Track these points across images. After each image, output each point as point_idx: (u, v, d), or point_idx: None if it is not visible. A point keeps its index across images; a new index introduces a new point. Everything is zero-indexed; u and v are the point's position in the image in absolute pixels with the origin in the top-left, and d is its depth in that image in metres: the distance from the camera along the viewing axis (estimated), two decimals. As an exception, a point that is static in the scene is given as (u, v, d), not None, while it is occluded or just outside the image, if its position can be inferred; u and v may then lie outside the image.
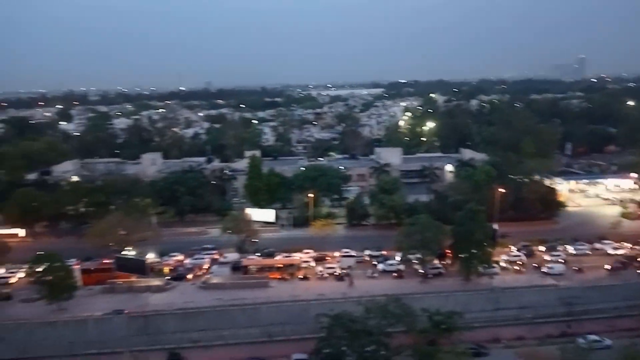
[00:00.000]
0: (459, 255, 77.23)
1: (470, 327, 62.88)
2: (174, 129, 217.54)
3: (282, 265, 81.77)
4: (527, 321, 70.49)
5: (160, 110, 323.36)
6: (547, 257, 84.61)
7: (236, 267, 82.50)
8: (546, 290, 74.04)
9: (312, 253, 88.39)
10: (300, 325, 67.98)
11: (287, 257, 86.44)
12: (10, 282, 79.55)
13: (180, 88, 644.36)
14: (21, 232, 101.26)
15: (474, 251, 75.34)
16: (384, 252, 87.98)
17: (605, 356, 54.65)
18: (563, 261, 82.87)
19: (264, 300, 71.23)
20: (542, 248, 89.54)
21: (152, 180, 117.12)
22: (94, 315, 68.43)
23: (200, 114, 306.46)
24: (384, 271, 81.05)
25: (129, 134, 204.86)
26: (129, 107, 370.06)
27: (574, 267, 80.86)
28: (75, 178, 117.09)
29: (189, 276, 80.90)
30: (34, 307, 70.53)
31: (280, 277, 79.50)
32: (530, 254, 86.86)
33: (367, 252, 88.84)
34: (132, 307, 69.56)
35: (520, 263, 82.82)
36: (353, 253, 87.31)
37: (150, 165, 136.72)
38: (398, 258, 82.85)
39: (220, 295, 72.92)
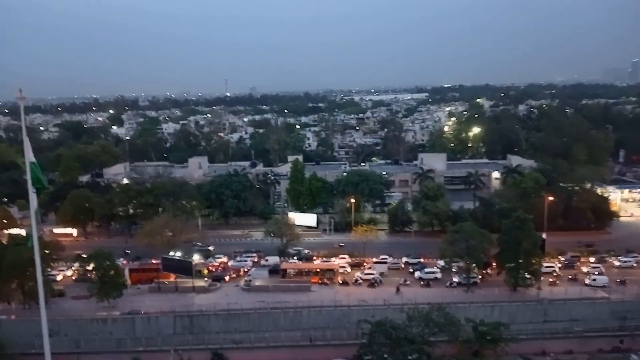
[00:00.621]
0: (506, 265, 75.31)
1: (517, 339, 61.18)
2: (220, 134, 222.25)
3: (319, 270, 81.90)
4: (577, 335, 67.94)
5: (207, 115, 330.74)
6: (586, 269, 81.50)
7: (274, 271, 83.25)
8: (598, 303, 71.25)
9: (347, 258, 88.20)
10: (341, 331, 68.08)
11: (325, 261, 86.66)
12: (57, 279, 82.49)
13: (226, 94, 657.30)
14: (74, 232, 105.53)
15: (521, 261, 73.34)
16: (422, 260, 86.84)
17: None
18: (602, 273, 79.54)
19: (305, 304, 71.57)
20: (591, 259, 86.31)
21: (199, 183, 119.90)
22: (143, 313, 70.55)
23: (245, 119, 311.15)
24: (421, 279, 79.97)
25: (177, 138, 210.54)
26: (177, 112, 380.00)
27: (617, 280, 77.53)
28: (125, 180, 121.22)
29: (227, 278, 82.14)
30: (85, 303, 73.45)
31: (320, 281, 79.72)
32: (571, 265, 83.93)
33: (405, 259, 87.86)
34: (178, 306, 71.27)
35: (556, 274, 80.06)
36: (389, 259, 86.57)
37: (197, 168, 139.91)
38: (435, 267, 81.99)
39: (262, 297, 73.74)
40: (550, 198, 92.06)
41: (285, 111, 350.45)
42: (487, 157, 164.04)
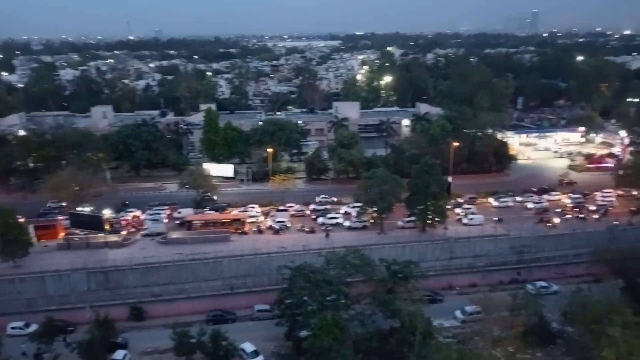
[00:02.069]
0: (415, 207, 79.53)
1: (426, 275, 65.76)
2: (124, 81, 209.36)
3: (227, 220, 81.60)
4: (480, 269, 74.40)
5: (109, 60, 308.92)
6: (460, 210, 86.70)
7: (181, 223, 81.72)
8: (498, 240, 77.83)
9: (257, 208, 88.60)
10: (262, 277, 69.53)
11: (232, 212, 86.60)
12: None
13: (129, 37, 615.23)
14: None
15: (430, 203, 77.79)
16: (328, 207, 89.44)
17: (553, 301, 58.47)
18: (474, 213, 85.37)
19: (225, 254, 71.74)
20: (490, 200, 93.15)
21: (104, 134, 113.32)
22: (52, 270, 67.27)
23: (152, 65, 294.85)
24: (323, 224, 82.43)
25: (77, 85, 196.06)
26: (75, 57, 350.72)
27: (494, 218, 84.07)
28: (22, 132, 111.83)
29: (123, 232, 79.19)
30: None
31: (236, 231, 79.58)
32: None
33: (312, 206, 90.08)
34: (90, 262, 68.67)
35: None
36: (295, 207, 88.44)
37: (102, 118, 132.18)
38: (337, 213, 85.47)
39: (181, 250, 72.83)
40: (456, 144, 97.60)
41: (195, 57, 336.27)
42: (398, 105, 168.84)
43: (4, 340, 54.70)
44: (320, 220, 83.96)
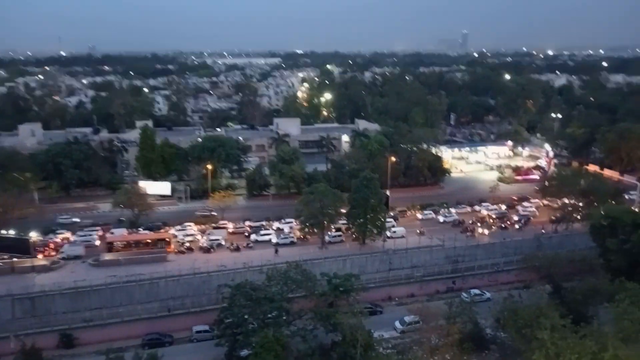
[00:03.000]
0: (355, 221, 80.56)
1: (366, 287, 66.44)
2: (55, 97, 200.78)
3: (150, 241, 79.10)
4: (418, 279, 75.99)
5: (39, 76, 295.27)
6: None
7: (109, 244, 78.20)
8: (434, 250, 80.00)
9: (193, 226, 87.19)
10: (201, 297, 67.82)
11: (156, 232, 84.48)
12: None
13: (61, 53, 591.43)
14: None
15: (369, 216, 79.03)
16: (263, 223, 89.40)
17: (486, 308, 60.45)
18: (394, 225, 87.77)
19: (162, 275, 69.51)
20: (419, 213, 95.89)
21: (32, 152, 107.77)
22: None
23: (84, 81, 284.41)
24: (256, 241, 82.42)
25: (3, 102, 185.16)
26: (1, 72, 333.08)
27: (417, 230, 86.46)
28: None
29: (39, 256, 74.63)
30: None
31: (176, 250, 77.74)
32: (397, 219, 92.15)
33: (248, 223, 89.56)
34: (16, 288, 64.54)
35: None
36: (229, 225, 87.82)
37: (29, 136, 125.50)
38: (270, 229, 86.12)
39: (114, 272, 69.83)
40: (393, 158, 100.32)
41: (131, 73, 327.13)
42: (337, 122, 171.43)
43: None
44: (252, 237, 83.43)
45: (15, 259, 71.66)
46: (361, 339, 50.51)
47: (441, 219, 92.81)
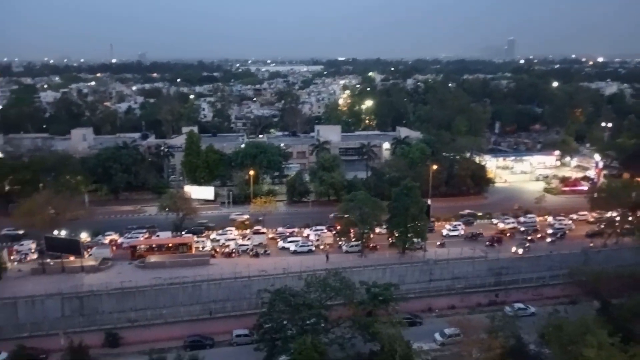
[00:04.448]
0: (395, 230, 80.00)
1: (406, 298, 65.80)
2: (106, 104, 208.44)
3: (171, 245, 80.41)
4: (459, 291, 74.69)
5: (91, 83, 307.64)
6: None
7: (132, 248, 79.78)
8: (477, 262, 78.40)
9: (235, 230, 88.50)
10: (241, 302, 68.80)
11: (179, 236, 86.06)
12: None
13: (112, 60, 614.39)
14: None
15: (410, 225, 78.33)
16: (295, 230, 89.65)
17: (530, 323, 58.87)
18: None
19: (204, 278, 70.95)
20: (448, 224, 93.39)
21: (84, 156, 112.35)
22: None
23: (134, 88, 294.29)
24: (283, 248, 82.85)
25: (57, 108, 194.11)
26: (56, 79, 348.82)
27: (437, 243, 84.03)
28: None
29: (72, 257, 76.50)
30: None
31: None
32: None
33: (280, 229, 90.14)
34: (65, 288, 67.28)
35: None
36: (263, 231, 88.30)
37: (81, 141, 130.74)
38: (304, 236, 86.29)
39: (159, 274, 71.79)
40: (435, 167, 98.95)
41: (178, 80, 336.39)
42: (378, 129, 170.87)
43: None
44: (280, 244, 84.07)
45: (65, 259, 74.73)
46: (400, 349, 50.11)
47: (455, 232, 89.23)
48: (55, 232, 78.78)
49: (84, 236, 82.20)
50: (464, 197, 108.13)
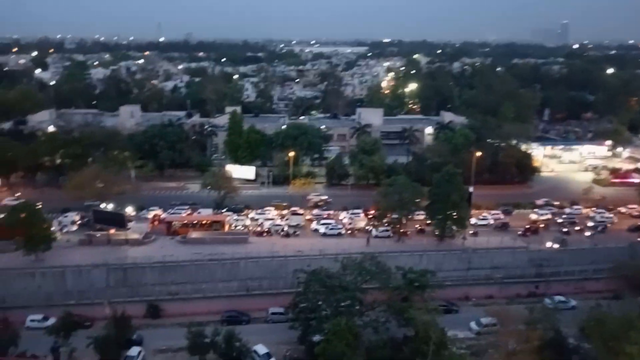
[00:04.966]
0: (435, 216, 79.02)
1: (442, 285, 65.13)
2: (153, 82, 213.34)
3: (206, 222, 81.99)
4: (497, 281, 73.38)
5: (139, 61, 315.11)
6: None
7: (168, 224, 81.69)
8: (517, 252, 76.72)
9: (273, 210, 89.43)
10: (277, 280, 69.75)
11: (215, 214, 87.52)
12: None
13: (160, 39, 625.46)
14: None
15: (450, 212, 77.16)
16: (331, 212, 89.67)
17: (571, 316, 57.39)
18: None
19: (242, 256, 72.33)
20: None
21: (131, 133, 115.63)
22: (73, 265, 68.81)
23: (180, 67, 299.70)
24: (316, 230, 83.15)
25: (107, 84, 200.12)
26: (106, 56, 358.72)
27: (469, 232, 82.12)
28: (51, 128, 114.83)
29: (112, 231, 78.99)
30: (11, 257, 70.41)
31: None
32: None
33: (315, 211, 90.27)
34: (110, 259, 70.04)
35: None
36: (300, 212, 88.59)
37: (129, 117, 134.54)
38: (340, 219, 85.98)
39: (199, 249, 73.73)
40: (479, 153, 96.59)
41: (223, 60, 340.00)
42: (422, 113, 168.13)
43: (22, 333, 56.02)
44: (312, 225, 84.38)
45: (111, 232, 77.62)
46: (434, 336, 49.84)
47: (490, 220, 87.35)
48: (102, 206, 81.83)
49: (130, 210, 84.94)
50: (508, 186, 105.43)
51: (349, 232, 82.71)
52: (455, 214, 77.34)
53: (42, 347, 53.70)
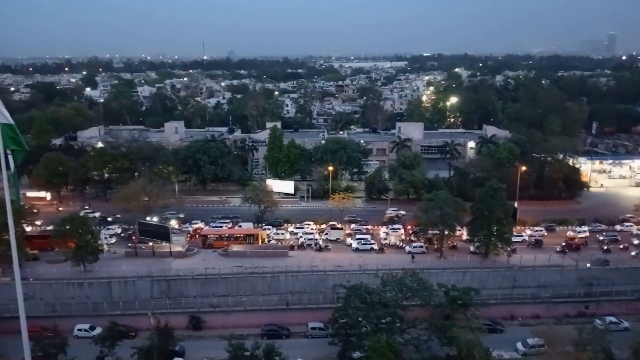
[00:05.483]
0: (478, 233, 77.20)
1: (487, 303, 63.28)
2: (197, 98, 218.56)
3: (240, 235, 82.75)
4: (545, 300, 70.68)
5: (183, 79, 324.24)
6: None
7: (204, 237, 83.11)
8: (566, 270, 73.79)
9: (312, 225, 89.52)
10: (317, 295, 69.55)
11: (278, 227, 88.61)
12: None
13: (204, 57, 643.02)
14: (47, 196, 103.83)
15: (493, 228, 75.25)
16: (368, 227, 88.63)
17: (623, 338, 54.70)
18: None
19: (282, 269, 72.56)
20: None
21: (175, 148, 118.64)
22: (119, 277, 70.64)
23: (223, 84, 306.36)
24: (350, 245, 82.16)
25: (153, 101, 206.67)
26: (152, 75, 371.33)
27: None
28: (100, 144, 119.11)
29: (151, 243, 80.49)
30: (60, 268, 72.99)
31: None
32: None
33: (353, 226, 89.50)
34: (155, 271, 71.55)
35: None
36: (339, 226, 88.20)
37: (173, 133, 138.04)
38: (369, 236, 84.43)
39: (240, 262, 74.46)
40: (524, 168, 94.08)
41: (264, 77, 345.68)
42: (464, 127, 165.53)
43: (70, 341, 57.72)
44: (348, 241, 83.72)
45: (155, 244, 79.41)
46: (478, 356, 48.47)
47: (518, 238, 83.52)
48: (148, 219, 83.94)
49: (173, 223, 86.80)
50: (555, 202, 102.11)
51: (384, 247, 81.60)
52: (499, 230, 75.35)
53: (88, 356, 55.13)
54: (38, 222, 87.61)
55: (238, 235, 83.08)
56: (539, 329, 60.55)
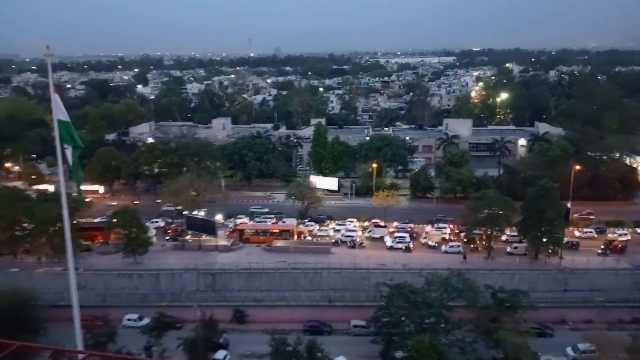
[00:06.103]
0: (528, 233, 74.74)
1: (536, 306, 61.32)
2: (243, 95, 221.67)
3: (276, 231, 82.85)
4: (597, 304, 67.81)
5: (231, 76, 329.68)
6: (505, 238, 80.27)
7: (240, 231, 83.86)
8: (620, 274, 70.57)
9: (356, 222, 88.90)
10: (359, 292, 69.22)
11: (321, 224, 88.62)
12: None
13: (250, 54, 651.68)
14: (100, 189, 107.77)
15: (545, 229, 72.63)
16: (412, 226, 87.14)
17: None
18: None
19: (325, 266, 72.58)
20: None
21: (222, 144, 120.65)
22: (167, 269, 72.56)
23: (269, 81, 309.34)
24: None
25: (201, 98, 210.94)
26: (201, 72, 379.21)
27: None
28: (151, 140, 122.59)
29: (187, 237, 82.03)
30: (112, 259, 75.64)
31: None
32: None
33: (395, 224, 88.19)
34: (201, 264, 73.09)
35: None
36: (382, 224, 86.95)
37: (221, 129, 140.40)
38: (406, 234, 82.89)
39: (283, 258, 75.00)
40: (577, 167, 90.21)
41: (309, 73, 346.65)
42: (514, 124, 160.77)
43: (119, 330, 59.70)
44: (385, 239, 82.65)
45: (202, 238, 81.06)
46: (526, 360, 46.94)
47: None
48: (195, 213, 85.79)
49: (219, 218, 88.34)
50: (610, 202, 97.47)
51: (422, 245, 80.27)
52: (550, 231, 72.63)
53: (136, 345, 56.81)
54: (91, 216, 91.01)
55: (274, 230, 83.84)
56: (590, 334, 58.25)
